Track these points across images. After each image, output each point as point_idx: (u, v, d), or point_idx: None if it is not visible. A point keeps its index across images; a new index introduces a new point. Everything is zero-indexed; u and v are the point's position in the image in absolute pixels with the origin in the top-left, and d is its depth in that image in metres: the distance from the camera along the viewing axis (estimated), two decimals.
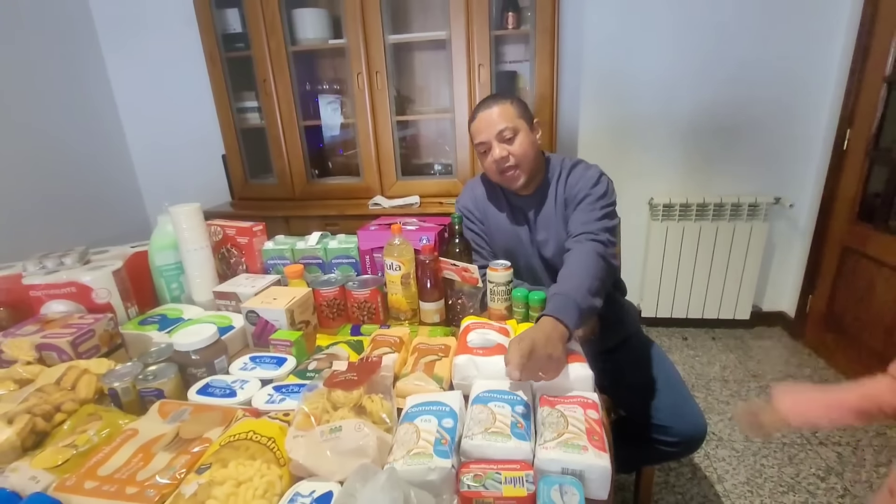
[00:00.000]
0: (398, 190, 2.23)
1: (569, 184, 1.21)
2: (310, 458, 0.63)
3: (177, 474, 0.64)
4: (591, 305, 0.94)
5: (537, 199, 1.24)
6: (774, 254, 2.48)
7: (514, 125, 1.14)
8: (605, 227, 1.12)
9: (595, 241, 1.08)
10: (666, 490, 1.60)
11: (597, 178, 1.18)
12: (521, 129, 1.15)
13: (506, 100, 1.17)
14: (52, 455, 0.70)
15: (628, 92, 2.28)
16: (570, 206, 1.20)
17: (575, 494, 0.59)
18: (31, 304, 1.07)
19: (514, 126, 1.14)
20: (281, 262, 1.27)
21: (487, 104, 1.17)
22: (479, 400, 0.75)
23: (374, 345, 0.96)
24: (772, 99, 2.21)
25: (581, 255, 1.04)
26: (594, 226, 1.11)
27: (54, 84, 2.27)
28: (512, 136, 1.14)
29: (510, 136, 1.14)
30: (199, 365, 0.88)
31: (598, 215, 1.13)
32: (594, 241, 1.08)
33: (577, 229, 1.12)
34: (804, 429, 0.75)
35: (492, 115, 1.15)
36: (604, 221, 1.13)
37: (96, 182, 2.50)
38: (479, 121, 1.17)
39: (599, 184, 1.17)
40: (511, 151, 1.15)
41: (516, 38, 2.13)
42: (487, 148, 1.17)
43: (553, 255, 1.25)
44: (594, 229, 1.10)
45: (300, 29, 2.12)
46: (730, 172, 2.35)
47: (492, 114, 1.15)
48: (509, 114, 1.15)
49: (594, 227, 1.11)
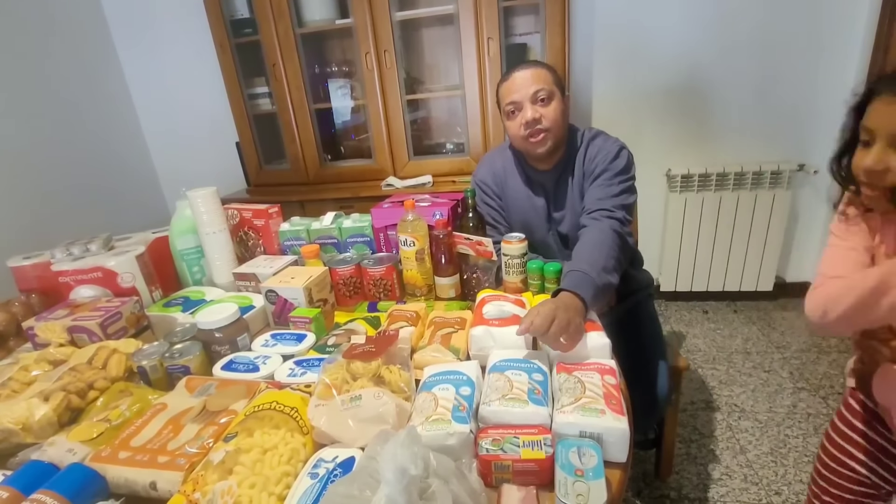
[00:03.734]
0: (411, 170, 2.23)
1: (587, 157, 1.18)
2: (332, 425, 0.65)
3: (205, 443, 0.66)
4: (606, 283, 0.92)
5: (556, 173, 1.21)
6: (798, 222, 2.41)
7: (549, 88, 1.11)
8: (622, 204, 1.09)
9: (611, 218, 1.06)
10: (687, 461, 1.60)
11: (616, 152, 1.15)
12: (555, 96, 1.13)
13: (541, 65, 1.14)
14: (87, 429, 0.73)
15: (642, 60, 2.22)
16: (587, 179, 1.17)
17: (593, 456, 0.60)
18: (61, 290, 1.11)
19: (549, 90, 1.11)
20: (297, 242, 1.29)
21: (523, 66, 1.14)
22: (496, 368, 0.76)
23: (390, 319, 0.97)
24: (793, 61, 2.12)
25: (597, 233, 1.03)
26: (611, 202, 1.09)
27: (72, 81, 2.31)
28: (546, 97, 1.11)
29: (545, 97, 1.11)
30: (223, 342, 0.91)
31: (616, 191, 1.11)
32: (610, 218, 1.06)
33: (593, 205, 1.10)
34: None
35: (527, 75, 1.11)
36: (621, 197, 1.10)
37: (116, 173, 2.55)
38: (514, 80, 1.13)
39: (619, 158, 1.14)
40: (543, 114, 1.11)
41: (526, 8, 2.09)
42: (518, 108, 1.13)
43: (569, 230, 1.23)
44: (610, 206, 1.08)
45: (307, 10, 2.11)
46: (750, 140, 2.28)
47: (527, 74, 1.11)
48: (545, 77, 1.12)
49: (610, 204, 1.08)
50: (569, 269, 0.93)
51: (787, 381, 1.93)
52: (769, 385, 1.92)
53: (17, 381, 0.84)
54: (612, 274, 0.95)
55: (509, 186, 1.27)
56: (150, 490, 0.63)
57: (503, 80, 1.17)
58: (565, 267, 0.96)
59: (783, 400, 1.83)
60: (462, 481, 0.55)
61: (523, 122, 1.12)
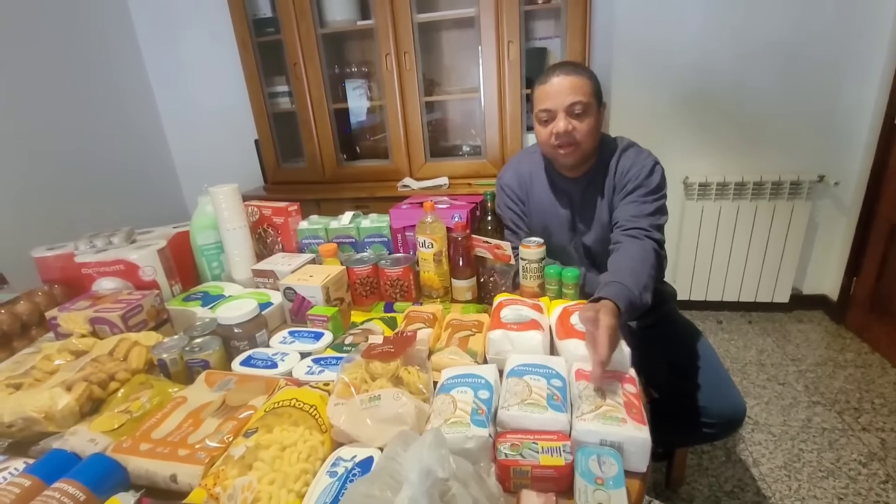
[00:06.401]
0: (427, 171, 2.23)
1: (619, 170, 1.14)
2: (351, 424, 0.65)
3: (225, 438, 0.67)
4: (643, 302, 0.90)
5: (584, 182, 1.19)
6: (817, 234, 2.37)
7: (587, 101, 1.05)
8: (657, 224, 1.08)
9: (650, 238, 1.04)
10: (699, 472, 1.58)
11: (651, 168, 1.12)
12: (592, 109, 1.07)
13: (584, 72, 1.08)
14: (108, 419, 0.74)
15: (662, 67, 2.20)
16: (618, 192, 1.14)
17: (613, 465, 0.59)
18: (83, 282, 1.13)
19: (586, 102, 1.05)
20: (315, 241, 1.30)
21: (564, 70, 1.07)
22: (514, 373, 0.76)
23: (407, 320, 0.97)
24: (815, 71, 2.09)
25: (640, 250, 1.01)
26: (646, 221, 1.07)
27: (96, 76, 2.35)
28: (582, 112, 1.06)
29: (580, 111, 1.06)
30: (242, 338, 0.91)
31: (651, 209, 1.09)
32: (649, 238, 1.04)
33: (628, 222, 1.08)
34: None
35: (567, 83, 1.05)
36: (655, 217, 1.09)
37: (137, 168, 2.58)
38: (552, 85, 1.06)
39: (654, 174, 1.12)
40: (577, 128, 1.06)
41: (546, 12, 2.08)
42: (551, 117, 1.08)
43: (594, 242, 1.21)
44: (647, 225, 1.06)
45: (329, 11, 2.12)
46: (770, 149, 2.25)
47: (567, 82, 1.05)
48: (585, 88, 1.06)
49: (647, 223, 1.06)
50: (610, 280, 0.90)
51: (802, 394, 1.90)
52: (783, 398, 1.89)
53: (39, 371, 0.86)
54: (648, 293, 0.93)
55: (534, 192, 1.25)
56: (170, 482, 0.63)
57: (541, 81, 1.10)
58: (604, 276, 0.94)
59: (798, 413, 1.80)
60: (481, 485, 0.55)
61: (555, 131, 1.07)
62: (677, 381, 1.17)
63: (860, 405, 1.82)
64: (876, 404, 1.82)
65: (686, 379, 1.16)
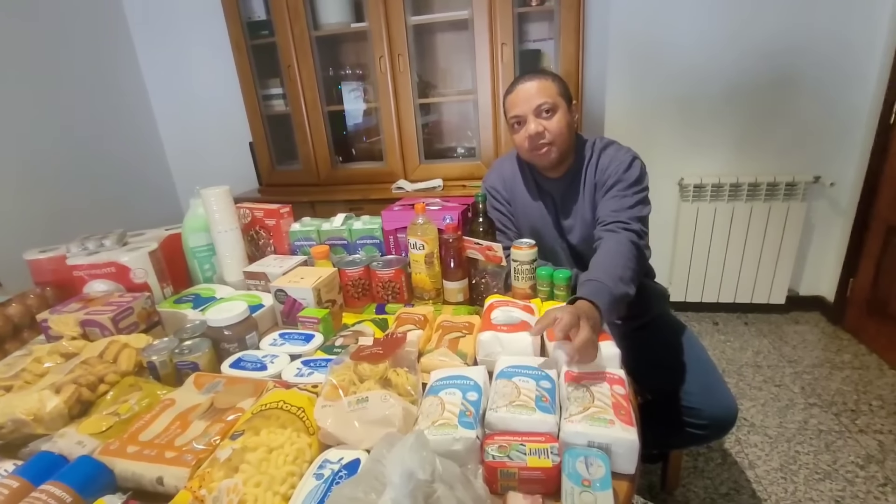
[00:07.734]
0: (421, 174, 2.23)
1: (599, 167, 1.17)
2: (338, 426, 0.65)
3: (212, 440, 0.67)
4: (623, 294, 0.91)
5: (566, 182, 1.21)
6: (813, 235, 2.38)
7: (553, 101, 1.11)
8: (637, 216, 1.08)
9: (628, 230, 1.05)
10: (694, 475, 1.57)
11: (629, 162, 1.13)
12: (560, 107, 1.12)
13: (547, 76, 1.14)
14: (96, 422, 0.74)
15: (657, 68, 2.21)
16: (599, 190, 1.16)
17: (601, 466, 0.59)
18: (75, 284, 1.12)
19: (553, 102, 1.11)
20: (307, 243, 1.30)
21: (528, 77, 1.13)
22: (503, 375, 0.75)
23: (398, 322, 0.97)
24: (810, 71, 2.09)
25: (614, 244, 1.02)
26: (626, 214, 1.08)
27: (91, 78, 2.35)
28: (550, 110, 1.11)
29: (548, 110, 1.11)
30: (232, 340, 0.91)
31: (631, 202, 1.10)
32: (627, 230, 1.05)
33: (608, 217, 1.09)
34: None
35: (531, 88, 1.11)
36: (636, 209, 1.09)
37: (131, 170, 2.58)
38: (517, 93, 1.13)
39: (632, 168, 1.13)
40: (547, 127, 1.11)
41: (540, 15, 2.08)
42: (522, 122, 1.13)
43: (579, 240, 1.22)
44: (626, 218, 1.07)
45: (322, 14, 2.12)
46: (765, 151, 2.25)
47: (531, 87, 1.11)
48: (549, 90, 1.11)
49: (626, 216, 1.07)
50: (586, 279, 0.92)
51: (799, 396, 1.90)
52: (780, 400, 1.89)
53: (29, 373, 0.86)
54: (628, 285, 0.93)
55: (518, 193, 1.27)
56: (156, 485, 0.63)
57: (507, 92, 1.17)
58: (582, 276, 0.95)
59: (794, 415, 1.80)
60: (467, 487, 0.54)
61: (527, 135, 1.12)
62: (670, 383, 1.17)
63: (857, 407, 1.81)
64: (873, 406, 1.81)
65: (677, 380, 1.16)
